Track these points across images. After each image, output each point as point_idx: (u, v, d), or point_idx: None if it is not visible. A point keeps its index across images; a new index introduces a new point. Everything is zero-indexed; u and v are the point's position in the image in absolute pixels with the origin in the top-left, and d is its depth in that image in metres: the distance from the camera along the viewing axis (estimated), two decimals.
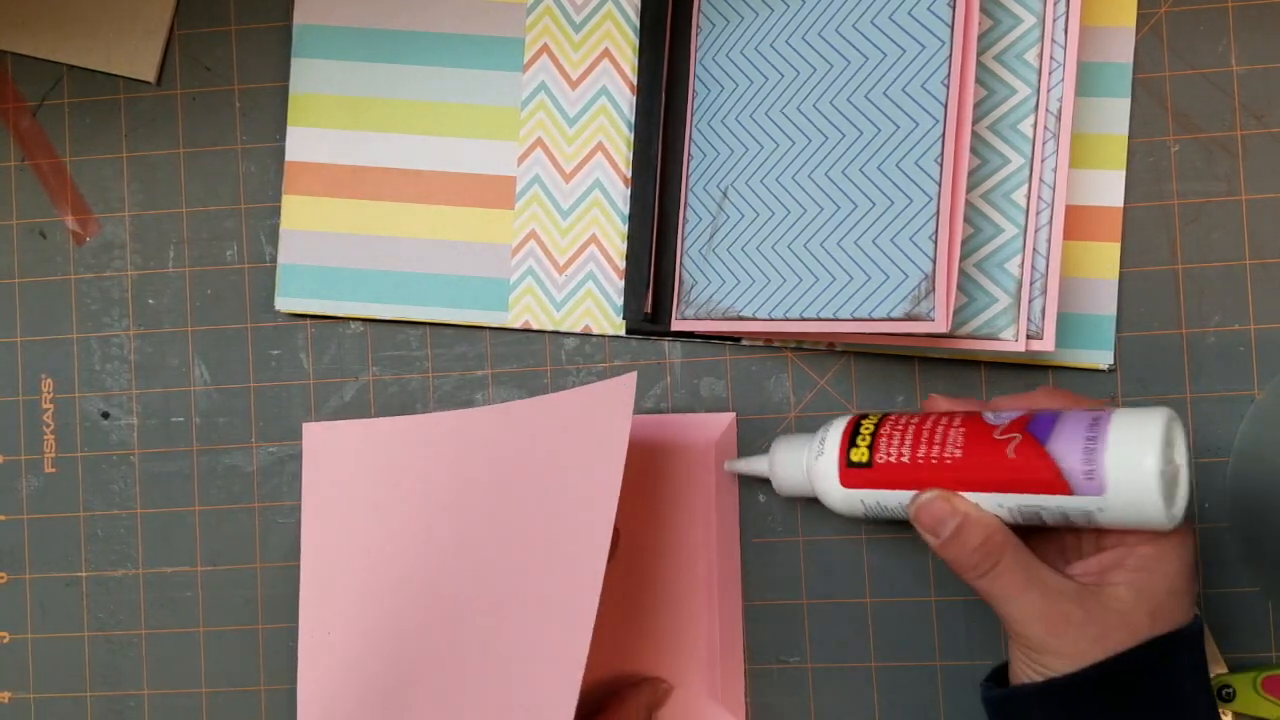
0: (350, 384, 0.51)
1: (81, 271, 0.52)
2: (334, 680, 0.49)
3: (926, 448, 0.39)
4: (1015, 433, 0.37)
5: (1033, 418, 0.37)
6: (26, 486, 0.52)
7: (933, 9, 0.41)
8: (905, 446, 0.39)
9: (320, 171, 0.51)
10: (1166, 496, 0.35)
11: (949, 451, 0.38)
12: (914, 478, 0.39)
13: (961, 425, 0.39)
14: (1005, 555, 0.36)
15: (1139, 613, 0.36)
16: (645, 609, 0.49)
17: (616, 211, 0.50)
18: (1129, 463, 0.35)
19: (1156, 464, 0.34)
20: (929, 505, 0.38)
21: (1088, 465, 0.35)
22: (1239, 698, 0.45)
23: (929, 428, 0.39)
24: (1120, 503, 0.35)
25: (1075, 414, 0.37)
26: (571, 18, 0.50)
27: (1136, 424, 0.35)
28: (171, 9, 0.52)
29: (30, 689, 0.52)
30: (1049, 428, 0.36)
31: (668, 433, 0.49)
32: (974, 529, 0.37)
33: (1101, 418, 0.36)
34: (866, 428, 0.41)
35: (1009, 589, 0.36)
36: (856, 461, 0.40)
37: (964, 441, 0.38)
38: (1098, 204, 0.48)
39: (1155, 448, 0.34)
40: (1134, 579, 0.36)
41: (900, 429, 0.40)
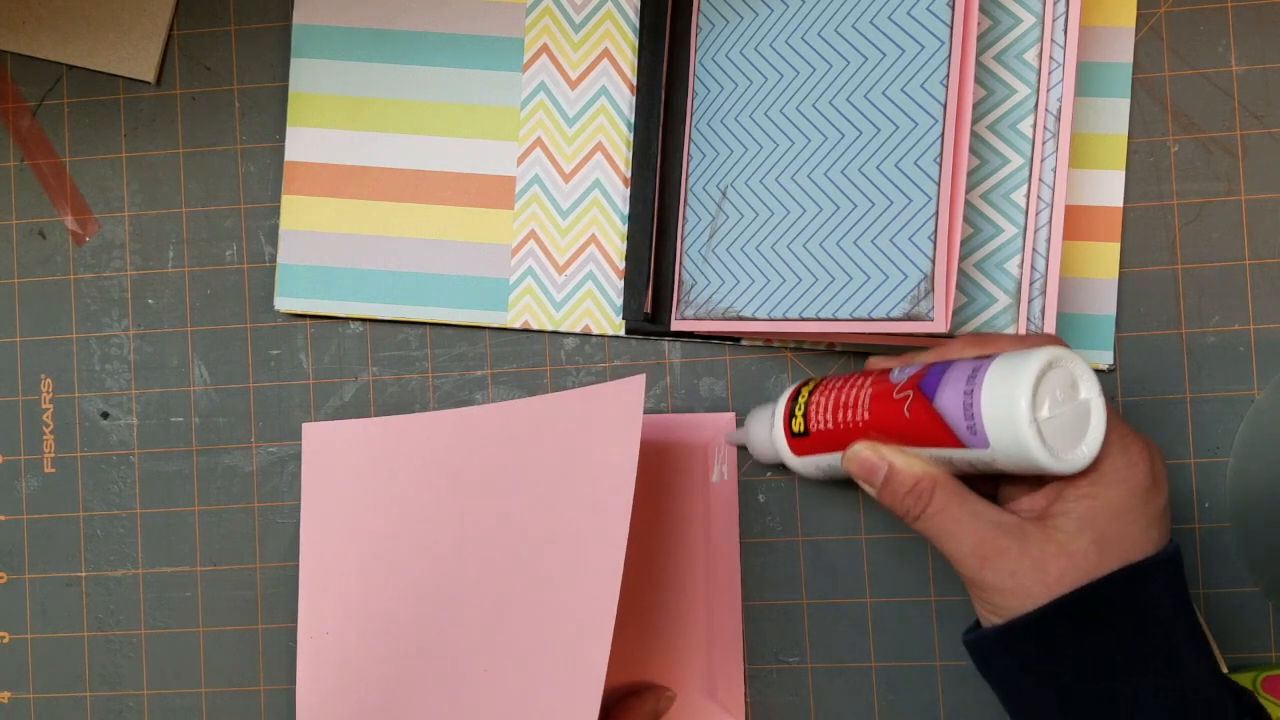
0: (350, 384, 0.51)
1: (81, 271, 0.52)
2: (333, 680, 0.49)
3: (844, 412, 0.39)
4: (909, 390, 0.37)
5: (926, 373, 0.37)
6: (26, 486, 0.52)
7: (932, 9, 0.41)
8: (829, 412, 0.40)
9: (320, 171, 0.51)
10: (1053, 442, 0.33)
11: (859, 415, 0.39)
12: (843, 440, 0.39)
13: (870, 386, 0.39)
14: (936, 495, 0.36)
15: (1081, 541, 0.35)
16: (644, 608, 0.49)
17: (616, 211, 0.50)
18: (1001, 413, 0.34)
19: (1027, 412, 0.33)
20: (856, 457, 0.38)
21: (968, 419, 0.34)
22: None
23: (846, 391, 0.40)
24: (1005, 454, 0.34)
25: (960, 365, 0.36)
26: (571, 18, 0.50)
27: (1009, 371, 0.34)
28: (171, 9, 0.52)
29: (30, 689, 0.52)
30: (937, 382, 0.36)
31: (668, 433, 0.49)
32: (901, 475, 0.37)
33: (981, 367, 0.35)
34: (802, 397, 0.42)
35: (944, 527, 0.36)
36: (797, 431, 0.41)
37: (869, 404, 0.38)
38: (1097, 204, 0.48)
39: (1024, 396, 0.33)
40: (1074, 508, 0.35)
41: (825, 395, 0.41)
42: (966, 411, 0.35)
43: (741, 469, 0.50)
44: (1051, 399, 0.34)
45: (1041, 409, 0.34)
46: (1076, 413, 0.34)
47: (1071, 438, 0.34)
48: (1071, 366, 0.35)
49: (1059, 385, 0.34)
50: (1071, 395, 0.34)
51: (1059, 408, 0.34)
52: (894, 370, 0.39)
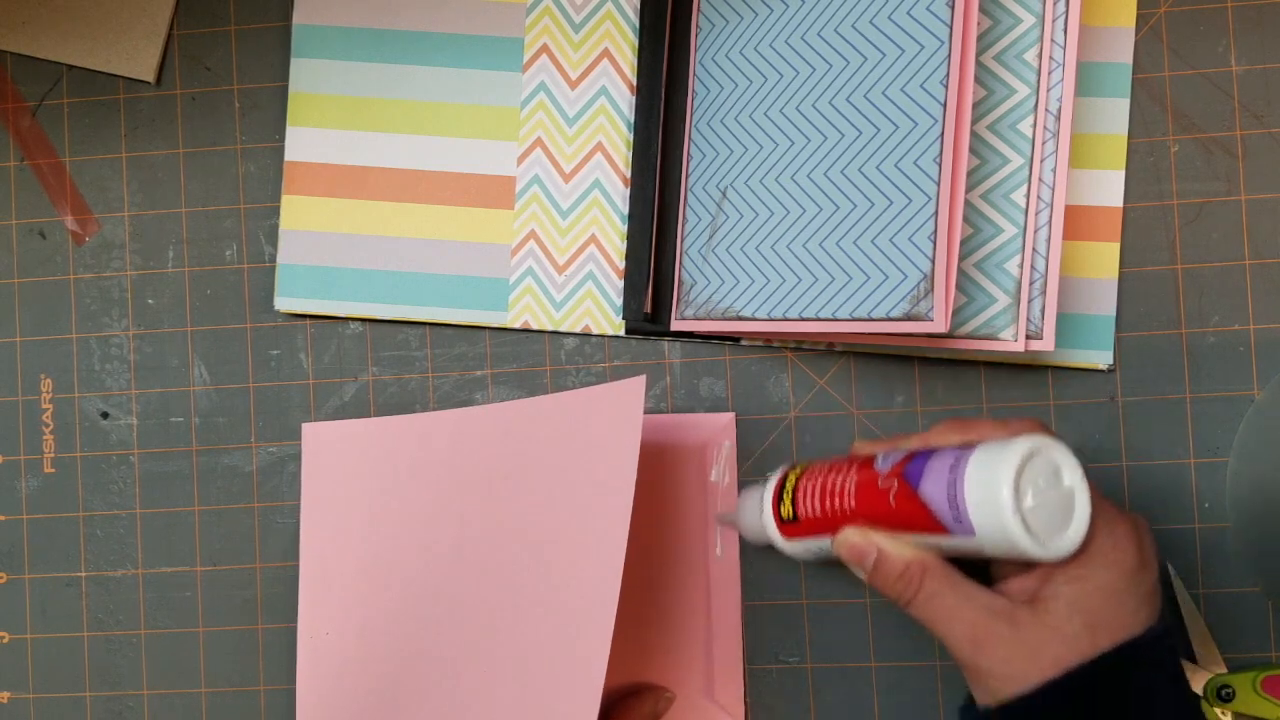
0: (350, 384, 0.51)
1: (81, 271, 0.52)
2: (333, 680, 0.49)
3: (831, 500, 0.39)
4: (894, 479, 0.37)
5: (910, 461, 0.37)
6: (26, 486, 0.52)
7: (932, 9, 0.41)
8: (816, 500, 0.40)
9: (320, 171, 0.51)
10: (1038, 530, 0.34)
11: (846, 503, 0.39)
12: (831, 526, 0.39)
13: (855, 474, 0.39)
14: (927, 580, 0.36)
15: (1074, 625, 0.35)
16: (644, 609, 0.49)
17: (616, 211, 0.50)
18: (984, 503, 0.34)
19: (1010, 502, 0.33)
20: (846, 542, 0.38)
21: (953, 508, 0.35)
22: (1239, 698, 0.45)
23: (832, 479, 0.40)
24: (991, 542, 0.34)
25: (943, 453, 0.36)
26: (571, 18, 0.50)
27: (991, 461, 0.34)
28: (171, 9, 0.52)
29: (30, 689, 0.52)
30: (921, 471, 0.36)
31: (668, 433, 0.49)
32: (891, 561, 0.37)
33: (962, 456, 0.35)
34: (790, 482, 0.42)
35: (936, 613, 0.36)
36: (786, 517, 0.41)
37: (855, 491, 0.38)
38: (1097, 204, 0.48)
39: (1007, 485, 0.33)
40: (1065, 591, 0.35)
41: (812, 480, 0.41)
42: (951, 501, 0.35)
43: (741, 469, 0.50)
44: (1034, 487, 0.34)
45: (1025, 498, 0.34)
46: (1061, 499, 0.35)
47: (1057, 524, 0.34)
48: (1053, 453, 0.35)
49: (1041, 473, 0.34)
50: (1055, 482, 0.35)
51: (1042, 495, 0.34)
52: (878, 457, 0.39)
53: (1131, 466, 0.48)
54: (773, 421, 0.50)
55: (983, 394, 0.49)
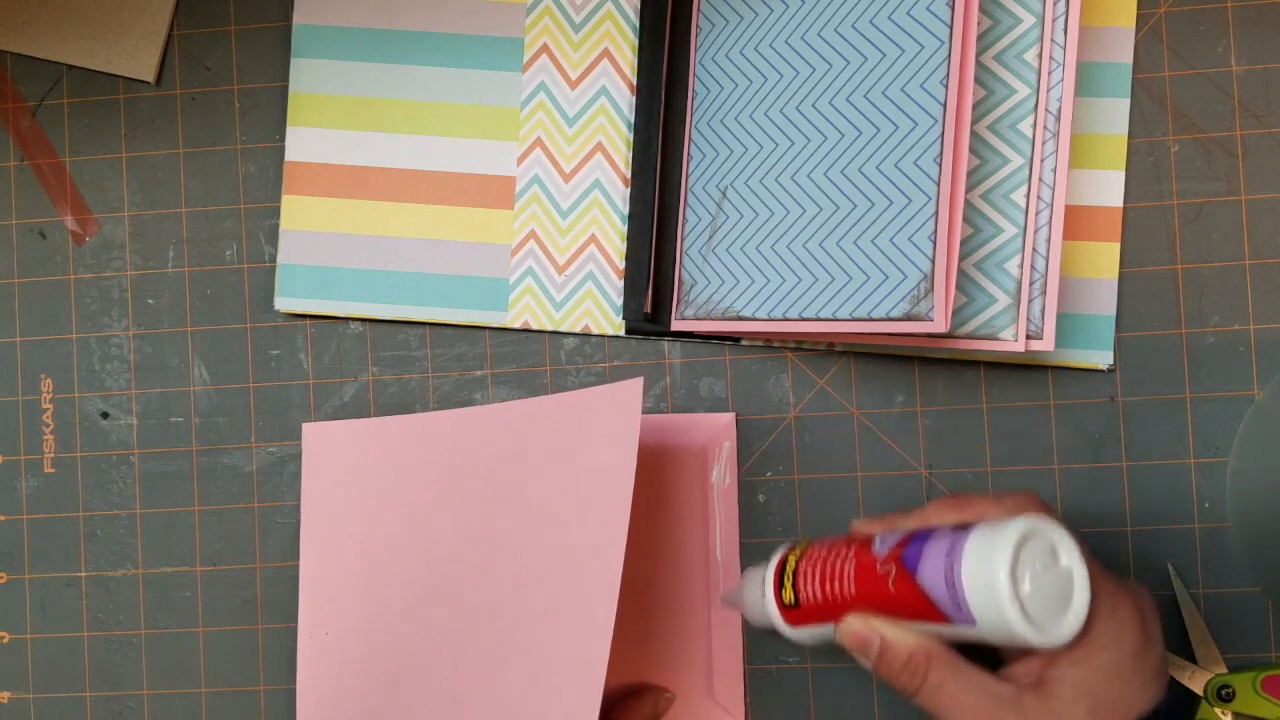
0: (350, 384, 0.51)
1: (81, 271, 0.52)
2: (333, 680, 0.49)
3: (832, 585, 0.39)
4: (891, 564, 0.37)
5: (907, 544, 0.37)
6: (26, 486, 0.52)
7: (932, 9, 0.41)
8: (816, 585, 0.39)
9: (320, 171, 0.51)
10: (1038, 616, 0.33)
11: (847, 588, 0.38)
12: (834, 612, 0.39)
13: (853, 558, 0.38)
14: (932, 670, 0.36)
15: (1080, 709, 0.34)
16: (644, 609, 0.49)
17: (616, 211, 0.50)
18: (982, 592, 0.33)
19: (1008, 591, 0.33)
20: (849, 631, 0.38)
21: (952, 596, 0.34)
22: (1239, 698, 0.45)
23: (831, 563, 0.39)
24: (991, 630, 0.34)
25: (939, 538, 0.36)
26: (571, 18, 0.50)
27: (987, 546, 0.34)
28: (171, 9, 0.52)
29: (30, 689, 0.52)
30: (918, 556, 0.36)
31: (667, 433, 0.49)
32: (895, 649, 0.37)
33: (958, 541, 0.35)
34: (790, 566, 0.41)
35: (942, 703, 0.36)
36: (788, 603, 0.41)
37: (855, 576, 0.38)
38: (1097, 204, 0.48)
39: (1004, 573, 0.33)
40: (1069, 674, 0.35)
41: (812, 566, 0.40)
42: (949, 589, 0.34)
43: (741, 469, 0.50)
44: (1032, 571, 0.34)
45: (1023, 584, 0.33)
46: (1059, 581, 0.34)
47: (1057, 608, 0.34)
48: (1049, 534, 0.34)
49: (1038, 555, 0.34)
50: (1052, 564, 0.34)
51: (1040, 579, 0.34)
52: (876, 539, 0.38)
53: (1131, 466, 0.48)
54: (773, 421, 0.50)
55: (983, 394, 0.49)
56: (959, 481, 0.49)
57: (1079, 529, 0.39)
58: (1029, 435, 0.48)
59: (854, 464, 0.49)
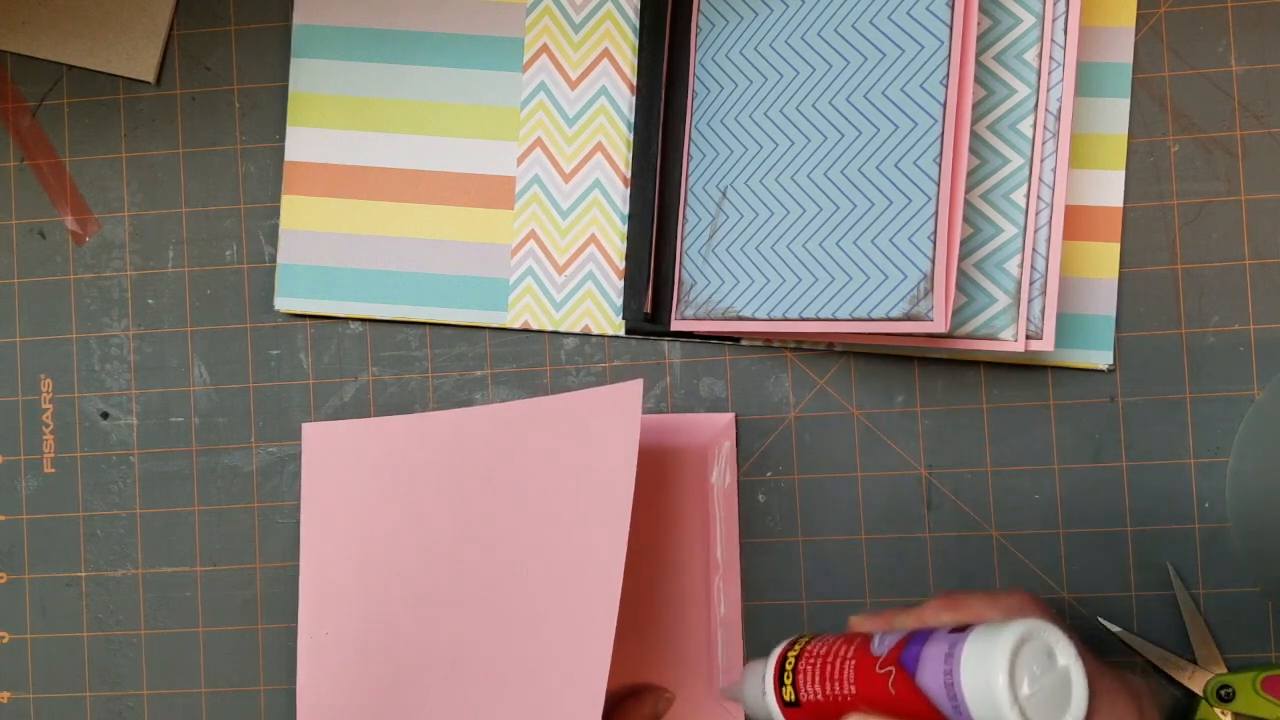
0: (350, 384, 0.51)
1: (81, 271, 0.52)
2: (333, 680, 0.49)
3: (831, 685, 0.39)
4: (891, 665, 0.37)
5: (906, 645, 0.37)
6: (26, 486, 0.52)
7: (932, 9, 0.41)
8: (816, 684, 0.40)
9: (320, 171, 0.51)
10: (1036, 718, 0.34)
11: (847, 689, 0.38)
12: (834, 710, 0.39)
13: (853, 658, 0.39)
14: None
15: None
16: (644, 608, 0.49)
17: (616, 211, 0.50)
18: (982, 696, 0.34)
19: (1007, 693, 0.33)
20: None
21: (951, 699, 0.35)
22: (1239, 698, 0.45)
23: (830, 662, 0.39)
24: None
25: (937, 640, 0.36)
26: (571, 18, 0.50)
27: (985, 650, 0.34)
28: (171, 9, 0.52)
29: (30, 689, 0.52)
30: (916, 658, 0.36)
31: (667, 433, 0.49)
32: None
33: (957, 644, 0.35)
34: (790, 663, 0.41)
35: None
36: (789, 701, 0.41)
37: (855, 677, 0.38)
38: (1097, 204, 0.48)
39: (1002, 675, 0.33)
40: None
41: (811, 664, 0.40)
42: (949, 692, 0.35)
43: (741, 469, 0.50)
44: (1030, 674, 0.34)
45: (1021, 687, 0.34)
46: (1057, 682, 0.35)
47: (1056, 709, 0.34)
48: (1046, 636, 0.35)
49: (1035, 658, 0.34)
50: (1050, 665, 0.35)
51: (1039, 682, 0.34)
52: (875, 638, 0.39)
53: (1131, 466, 0.48)
54: (773, 421, 0.50)
55: (983, 394, 0.49)
56: (959, 481, 0.49)
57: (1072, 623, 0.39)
58: (1029, 435, 0.48)
59: (854, 464, 0.49)
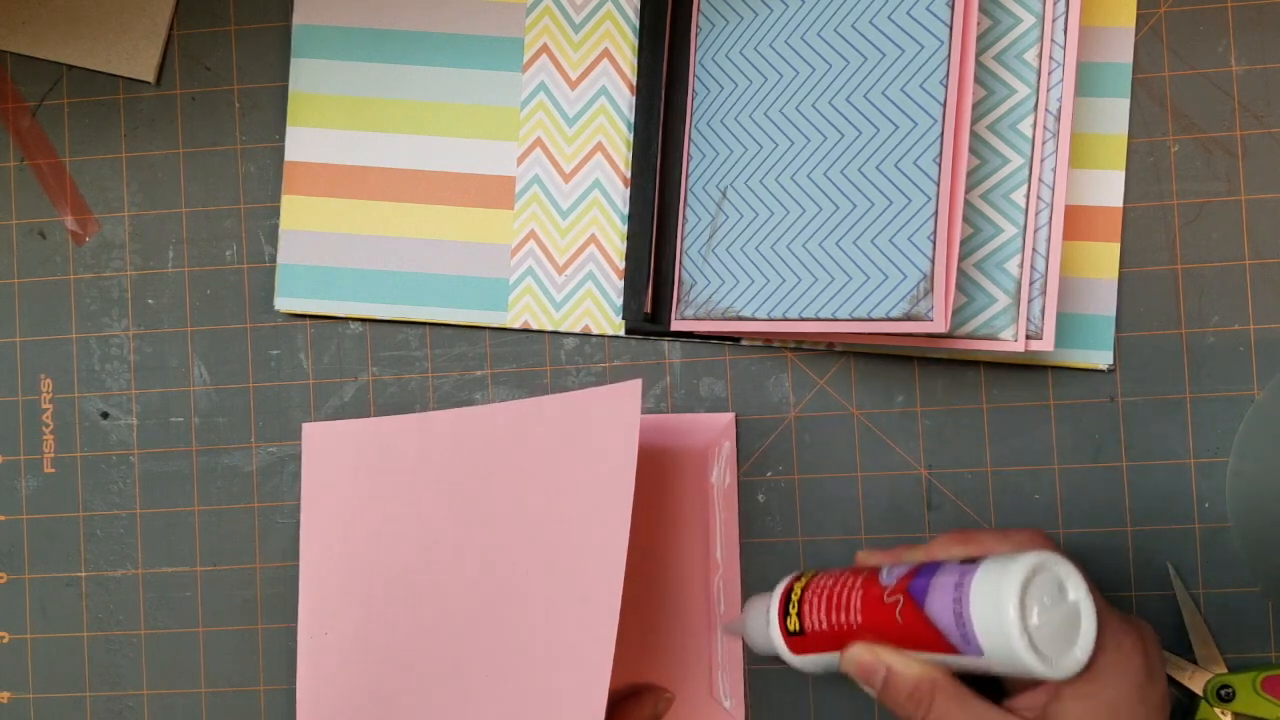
0: (350, 384, 0.51)
1: (81, 271, 0.52)
2: (333, 680, 0.49)
3: (838, 614, 0.39)
4: (899, 594, 0.37)
5: (914, 575, 0.37)
6: (26, 486, 0.52)
7: (932, 9, 0.41)
8: (823, 613, 0.40)
9: (320, 171, 0.51)
10: (1046, 648, 0.34)
11: (853, 618, 0.38)
12: (839, 640, 0.39)
13: (860, 588, 0.39)
14: (937, 700, 0.36)
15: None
16: (644, 608, 0.49)
17: (616, 211, 0.50)
18: (991, 623, 0.34)
19: (1016, 622, 0.33)
20: (854, 660, 0.38)
21: (960, 627, 0.35)
22: (1239, 698, 0.45)
23: (838, 592, 0.39)
24: (999, 661, 0.34)
25: (947, 570, 0.36)
26: (571, 18, 0.50)
27: (996, 579, 0.34)
28: (171, 9, 0.52)
29: (30, 689, 0.52)
30: (925, 587, 0.36)
31: (667, 433, 0.49)
32: (900, 678, 0.37)
33: (967, 573, 0.35)
34: (795, 594, 0.41)
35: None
36: (793, 630, 0.41)
37: (861, 606, 0.38)
38: (1097, 204, 0.48)
39: (1013, 605, 0.33)
40: (1073, 708, 0.35)
41: (818, 595, 0.40)
42: (958, 620, 0.35)
43: (741, 469, 0.50)
44: (1040, 605, 0.34)
45: (1031, 616, 0.34)
46: (1066, 615, 0.35)
47: (1064, 642, 0.34)
48: (1057, 569, 0.35)
49: (1046, 590, 0.34)
50: (1060, 598, 0.35)
51: (1048, 613, 0.34)
52: (883, 570, 0.39)
53: (1131, 466, 0.48)
54: (773, 421, 0.50)
55: (983, 394, 0.49)
56: (959, 482, 0.49)
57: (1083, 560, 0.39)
58: (1029, 435, 0.48)
59: (854, 464, 0.49)
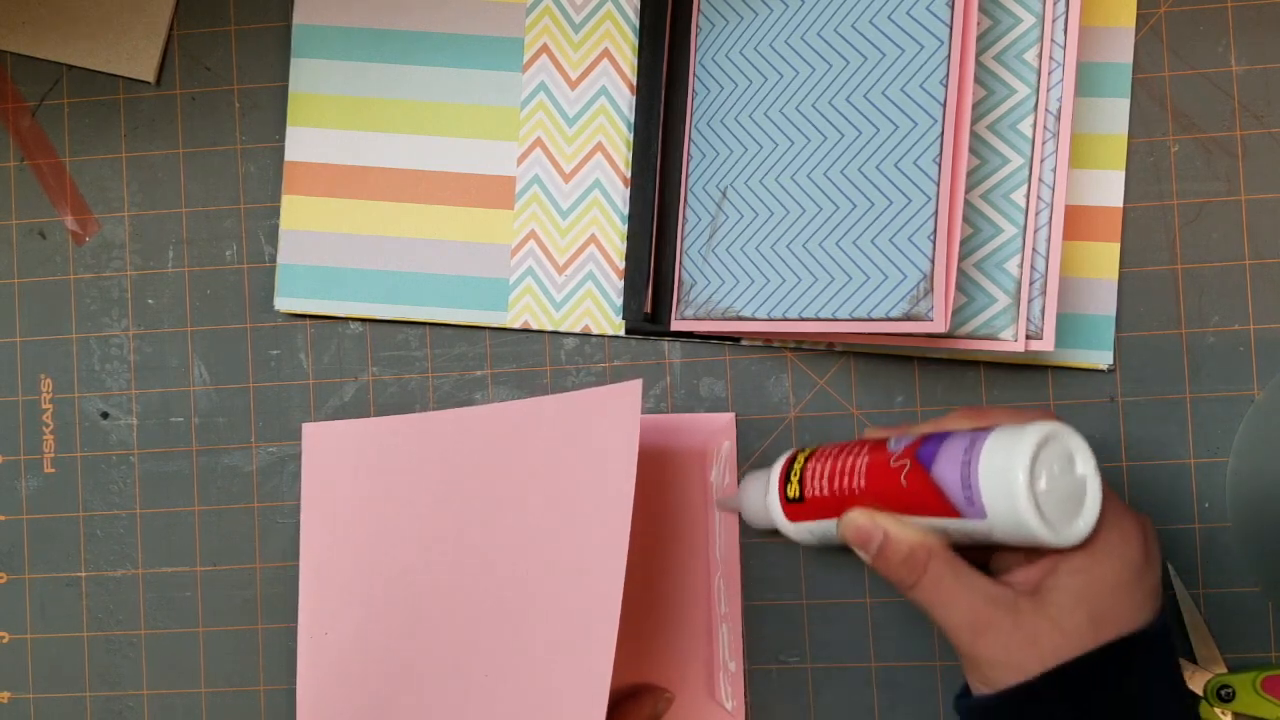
0: (350, 384, 0.51)
1: (81, 271, 0.52)
2: (333, 680, 0.49)
3: (840, 479, 0.39)
4: (906, 459, 0.37)
5: (922, 443, 0.37)
6: (26, 486, 0.52)
7: (932, 9, 0.41)
8: (825, 480, 0.40)
9: (320, 171, 0.51)
10: (1051, 515, 0.34)
11: (856, 482, 0.39)
12: (838, 507, 0.39)
13: (866, 454, 0.39)
14: (931, 565, 0.36)
15: (1076, 617, 0.35)
16: (644, 609, 0.49)
17: (616, 211, 0.50)
18: (999, 485, 0.34)
19: (1025, 484, 0.33)
20: (852, 524, 0.38)
21: (966, 489, 0.35)
22: (1239, 698, 0.45)
23: (842, 459, 0.40)
24: (1002, 525, 0.34)
25: (957, 436, 0.36)
26: (571, 18, 0.50)
27: (1007, 443, 0.34)
28: (171, 9, 0.52)
29: (30, 689, 0.52)
30: (933, 453, 0.36)
31: (667, 433, 0.49)
32: (896, 543, 0.37)
33: (978, 438, 0.35)
34: (798, 464, 0.42)
35: (937, 598, 0.36)
36: (792, 497, 0.41)
37: (866, 471, 0.38)
38: (1097, 204, 0.48)
39: (1023, 468, 0.33)
40: (1069, 583, 0.35)
41: (821, 462, 0.41)
42: (964, 482, 0.35)
43: (741, 469, 0.50)
44: (1049, 472, 0.34)
45: (1040, 481, 0.34)
46: (1073, 487, 0.35)
47: (1068, 511, 0.34)
48: (1068, 441, 0.35)
49: (1056, 459, 0.34)
50: (1068, 469, 0.35)
51: (1056, 481, 0.34)
52: (890, 440, 0.39)
53: (1131, 466, 0.48)
54: (773, 421, 0.50)
55: (983, 394, 0.49)
56: None
57: None
58: None
59: None
